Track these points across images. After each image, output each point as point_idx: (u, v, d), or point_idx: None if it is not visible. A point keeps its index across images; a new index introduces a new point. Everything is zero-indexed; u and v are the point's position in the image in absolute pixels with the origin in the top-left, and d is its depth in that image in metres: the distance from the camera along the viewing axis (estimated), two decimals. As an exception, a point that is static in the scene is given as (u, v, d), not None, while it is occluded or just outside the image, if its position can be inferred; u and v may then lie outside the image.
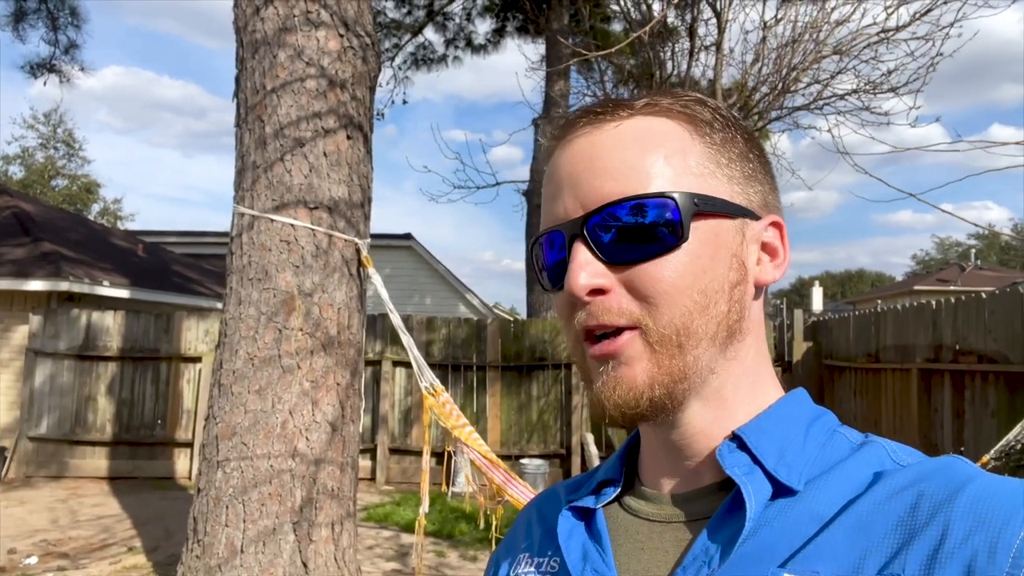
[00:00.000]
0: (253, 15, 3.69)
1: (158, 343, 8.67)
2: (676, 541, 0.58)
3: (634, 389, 0.56)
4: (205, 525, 3.50)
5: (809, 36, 6.90)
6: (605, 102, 0.62)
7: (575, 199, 0.58)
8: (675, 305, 0.56)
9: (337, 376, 3.69)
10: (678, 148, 0.60)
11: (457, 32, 14.30)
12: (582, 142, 0.60)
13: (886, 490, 0.51)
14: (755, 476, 0.55)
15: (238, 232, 3.71)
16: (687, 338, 0.56)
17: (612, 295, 0.56)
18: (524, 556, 0.68)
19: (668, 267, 0.56)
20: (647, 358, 0.56)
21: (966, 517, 0.47)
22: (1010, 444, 2.77)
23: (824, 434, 0.59)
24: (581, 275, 0.56)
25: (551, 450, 8.67)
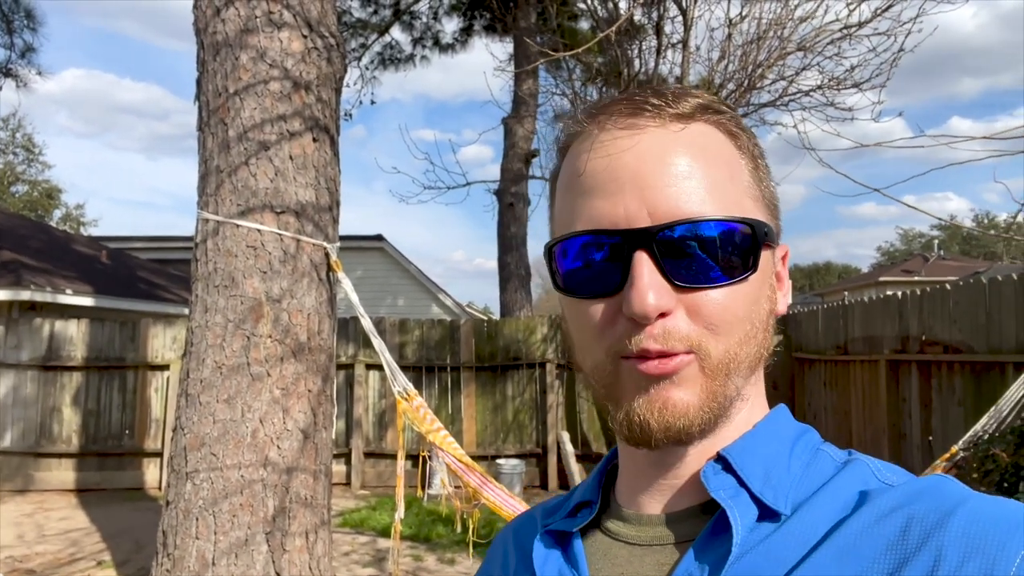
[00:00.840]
0: (213, 16, 3.61)
1: (124, 351, 8.50)
2: (657, 565, 0.56)
3: (687, 414, 0.53)
4: (175, 538, 3.42)
5: (773, 33, 6.97)
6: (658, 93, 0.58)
7: (641, 203, 0.54)
8: (733, 334, 0.54)
9: (308, 383, 3.64)
10: (733, 165, 0.57)
11: (424, 31, 14.22)
12: (648, 140, 0.56)
13: (874, 512, 0.49)
14: (741, 499, 0.53)
15: (203, 238, 3.64)
16: (735, 366, 0.55)
17: (674, 318, 0.53)
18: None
19: (735, 296, 0.54)
20: (699, 383, 0.54)
21: (959, 542, 0.45)
22: (978, 434, 2.82)
23: (808, 453, 0.58)
24: (650, 295, 0.51)
25: (527, 449, 8.67)
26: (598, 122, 0.58)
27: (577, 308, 0.57)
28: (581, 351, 0.59)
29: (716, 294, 0.53)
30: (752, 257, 0.55)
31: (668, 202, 0.53)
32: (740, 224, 0.54)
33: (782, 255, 0.61)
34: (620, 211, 0.54)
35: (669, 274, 0.53)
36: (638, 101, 0.57)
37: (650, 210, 0.53)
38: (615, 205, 0.54)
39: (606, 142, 0.56)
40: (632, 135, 0.55)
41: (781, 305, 0.61)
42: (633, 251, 0.53)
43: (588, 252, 0.56)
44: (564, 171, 0.61)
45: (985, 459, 2.49)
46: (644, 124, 0.56)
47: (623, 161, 0.55)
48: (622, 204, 0.54)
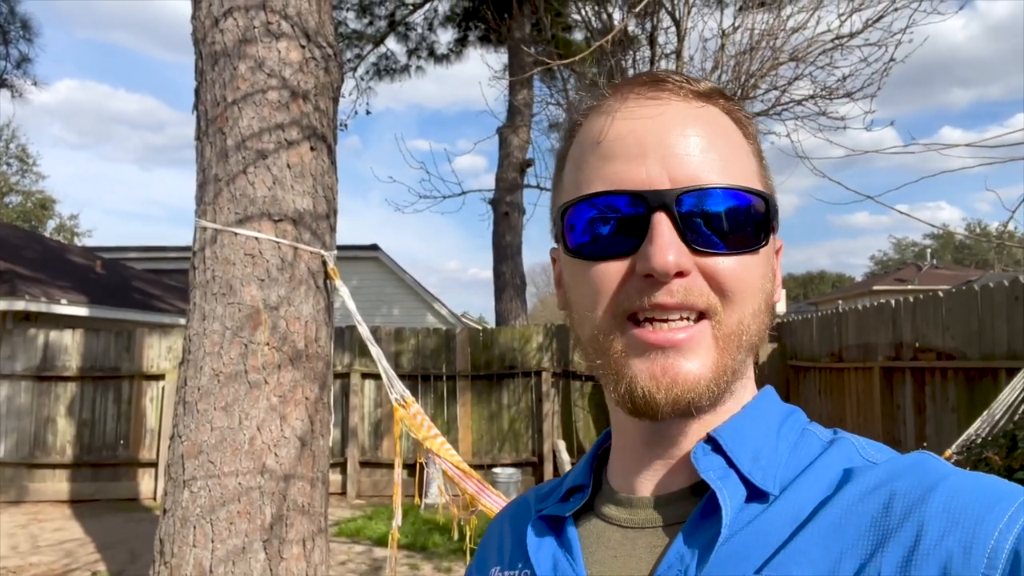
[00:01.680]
0: (212, 27, 3.64)
1: (119, 361, 8.48)
2: (649, 547, 0.56)
3: (697, 387, 0.53)
4: (172, 546, 3.42)
5: (766, 43, 7.05)
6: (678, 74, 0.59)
7: (663, 168, 0.55)
8: (746, 304, 0.55)
9: (306, 390, 3.65)
10: (745, 147, 0.60)
11: (419, 42, 14.30)
12: (673, 111, 0.57)
13: (858, 489, 0.50)
14: (730, 480, 0.54)
15: (201, 246, 3.65)
16: (746, 339, 0.55)
17: (693, 278, 0.54)
18: (495, 571, 0.66)
19: (748, 266, 0.55)
20: (712, 352, 0.54)
21: (940, 517, 0.46)
22: (971, 438, 2.84)
23: (795, 433, 0.58)
24: (670, 252, 0.52)
25: (523, 458, 8.66)
26: (620, 94, 0.59)
27: (586, 271, 0.57)
28: (583, 318, 0.58)
29: (731, 261, 0.54)
30: (765, 230, 0.56)
31: (689, 169, 0.54)
32: (755, 196, 0.56)
33: (777, 248, 0.62)
34: (642, 174, 0.55)
35: (687, 237, 0.53)
36: (660, 76, 0.59)
37: (671, 175, 0.54)
38: (637, 168, 0.55)
39: (631, 109, 0.57)
40: (657, 105, 0.57)
41: (777, 294, 0.61)
42: (654, 211, 0.53)
43: (606, 212, 0.56)
44: (580, 139, 0.61)
45: (978, 463, 2.52)
46: (667, 97, 0.57)
47: (647, 127, 0.56)
48: (644, 168, 0.55)
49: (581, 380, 8.85)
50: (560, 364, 8.81)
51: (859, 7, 6.69)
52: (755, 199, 0.56)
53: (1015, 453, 2.51)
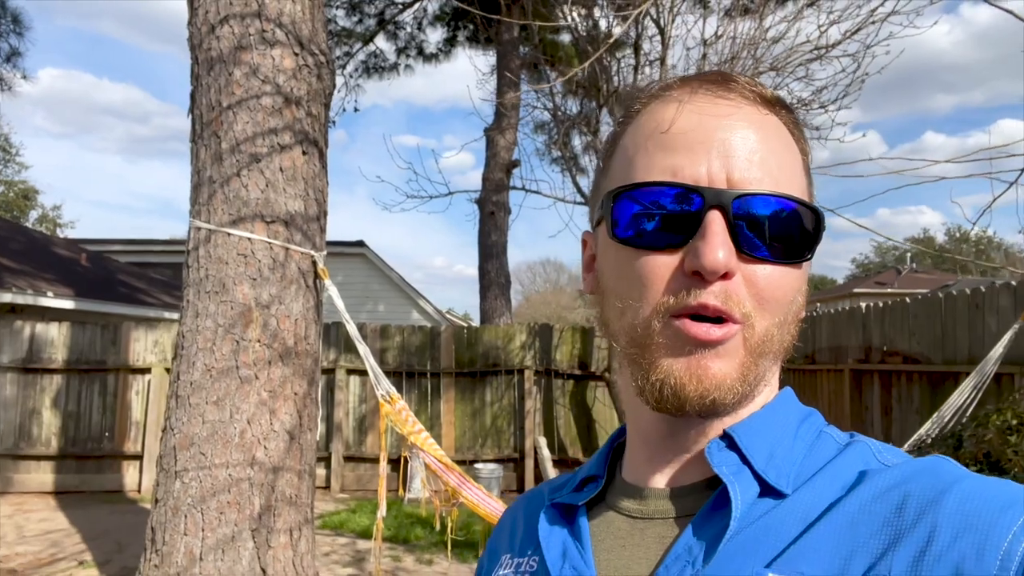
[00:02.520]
0: (208, 34, 3.76)
1: (105, 354, 8.54)
2: (658, 538, 0.57)
3: (723, 384, 0.54)
4: (163, 535, 3.54)
5: (748, 53, 7.23)
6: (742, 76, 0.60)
7: (723, 167, 0.55)
8: (777, 314, 0.56)
9: (295, 386, 3.78)
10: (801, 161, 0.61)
11: (408, 41, 14.40)
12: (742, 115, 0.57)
13: (872, 490, 0.51)
14: (743, 476, 0.54)
15: (195, 245, 3.77)
16: (770, 347, 0.56)
17: (735, 282, 0.54)
18: (505, 557, 0.67)
19: (788, 277, 0.56)
20: (739, 356, 0.54)
21: (953, 519, 0.46)
22: (922, 438, 3.03)
23: (812, 434, 0.59)
24: (721, 251, 0.52)
25: (505, 455, 8.82)
26: (689, 87, 0.59)
27: (632, 260, 0.57)
28: (623, 306, 0.58)
29: (773, 270, 0.55)
30: (811, 244, 0.57)
31: (748, 173, 0.55)
32: (810, 210, 0.57)
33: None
34: (703, 170, 0.55)
35: (738, 240, 0.54)
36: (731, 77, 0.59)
37: (730, 176, 0.55)
38: (699, 163, 0.55)
39: (700, 103, 0.57)
40: (728, 105, 0.57)
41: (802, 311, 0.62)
42: (709, 209, 0.54)
43: (661, 203, 0.56)
44: (640, 125, 0.60)
45: (926, 461, 2.71)
46: (737, 99, 0.58)
47: (714, 125, 0.56)
48: (706, 164, 0.55)
49: (563, 378, 9.02)
50: (543, 363, 8.98)
51: (837, 19, 6.90)
52: (808, 212, 0.56)
53: (960, 452, 2.70)
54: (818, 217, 0.57)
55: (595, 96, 8.58)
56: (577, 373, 9.00)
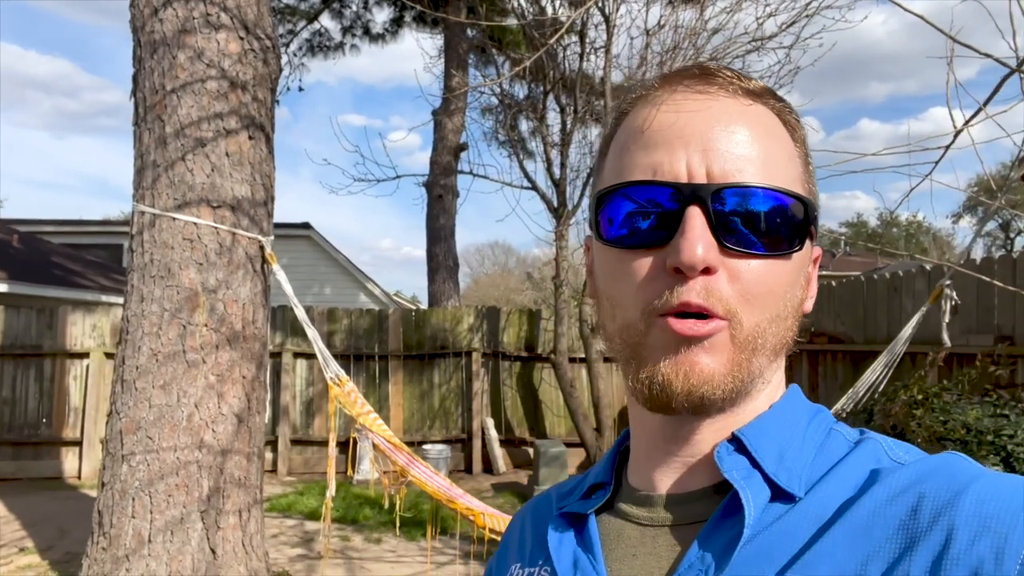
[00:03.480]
0: (151, 15, 3.73)
1: (41, 339, 8.33)
2: (670, 546, 0.56)
3: (711, 380, 0.53)
4: (111, 518, 3.56)
5: (689, 43, 7.43)
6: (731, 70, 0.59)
7: (703, 161, 0.54)
8: (768, 309, 0.54)
9: (243, 369, 3.82)
10: (792, 151, 0.59)
11: (354, 20, 14.21)
12: (720, 107, 0.56)
13: (886, 491, 0.50)
14: (754, 480, 0.53)
15: (139, 230, 3.76)
16: (762, 343, 0.54)
17: (717, 278, 0.53)
18: (515, 567, 0.65)
19: (776, 271, 0.55)
20: (727, 352, 0.53)
21: (971, 521, 0.45)
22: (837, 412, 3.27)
23: (821, 433, 0.57)
24: (700, 246, 0.52)
25: (453, 435, 8.95)
26: (669, 85, 0.58)
27: (618, 260, 0.57)
28: (613, 307, 0.58)
29: (758, 264, 0.54)
30: (799, 235, 0.55)
31: (728, 165, 0.54)
32: (793, 199, 0.55)
33: (815, 256, 0.61)
34: (681, 166, 0.54)
35: (719, 234, 0.53)
36: (711, 70, 0.58)
37: (709, 170, 0.54)
38: (678, 160, 0.54)
39: (678, 101, 0.57)
40: (704, 99, 0.56)
41: (808, 304, 0.60)
42: (688, 205, 0.53)
43: (642, 203, 0.55)
44: (625, 127, 0.61)
45: (840, 433, 2.93)
46: (716, 91, 0.57)
47: (692, 120, 0.55)
48: (684, 159, 0.54)
49: (510, 360, 9.18)
50: (490, 345, 9.12)
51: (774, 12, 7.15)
52: (793, 202, 0.55)
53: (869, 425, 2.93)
54: (807, 206, 0.56)
55: (542, 82, 8.69)
56: (524, 355, 9.17)
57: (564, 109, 8.29)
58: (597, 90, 8.35)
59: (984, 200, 3.65)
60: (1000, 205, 3.19)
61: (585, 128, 8.70)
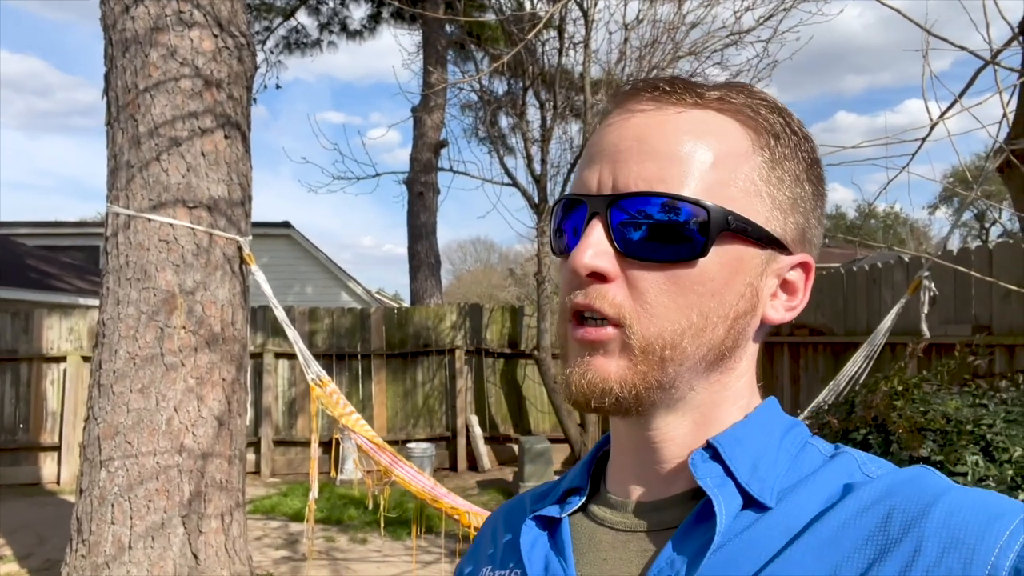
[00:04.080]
0: (122, 13, 3.66)
1: (16, 343, 8.19)
2: (641, 551, 0.56)
3: (603, 383, 0.54)
4: (90, 524, 3.51)
5: (667, 37, 7.44)
6: (677, 81, 0.59)
7: (611, 174, 0.56)
8: (668, 319, 0.54)
9: (222, 371, 3.78)
10: (732, 155, 0.56)
11: (331, 16, 14.10)
12: (639, 119, 0.57)
13: (856, 504, 0.50)
14: (727, 488, 0.53)
15: (113, 232, 3.70)
16: (672, 354, 0.54)
17: (612, 285, 0.54)
18: (486, 570, 0.65)
19: (676, 278, 0.54)
20: (625, 358, 0.54)
21: (939, 533, 0.46)
22: (819, 405, 3.29)
23: (796, 446, 0.58)
24: (588, 252, 0.54)
25: (437, 433, 8.93)
26: (619, 101, 0.60)
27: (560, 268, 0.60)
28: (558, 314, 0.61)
29: (658, 271, 0.54)
30: (702, 243, 0.54)
31: (631, 175, 0.55)
32: (692, 206, 0.54)
33: (796, 264, 0.59)
34: (594, 180, 0.56)
35: (616, 241, 0.54)
36: (656, 84, 0.59)
37: (615, 181, 0.55)
38: (593, 174, 0.57)
39: (612, 122, 0.59)
40: (639, 114, 0.57)
41: (772, 313, 0.59)
42: (590, 216, 0.55)
43: (566, 215, 0.59)
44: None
45: (822, 426, 2.94)
46: (641, 108, 0.58)
47: (620, 134, 0.57)
48: (597, 173, 0.56)
49: (493, 357, 9.17)
50: (473, 342, 9.10)
51: (752, 6, 7.17)
52: (691, 208, 0.53)
53: (851, 417, 2.95)
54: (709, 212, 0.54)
55: (521, 77, 8.66)
56: (507, 351, 9.16)
57: (544, 105, 8.27)
58: (577, 85, 8.34)
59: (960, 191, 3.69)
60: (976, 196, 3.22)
61: (565, 124, 8.69)
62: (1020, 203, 3.08)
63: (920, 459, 2.46)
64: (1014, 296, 3.67)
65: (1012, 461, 2.34)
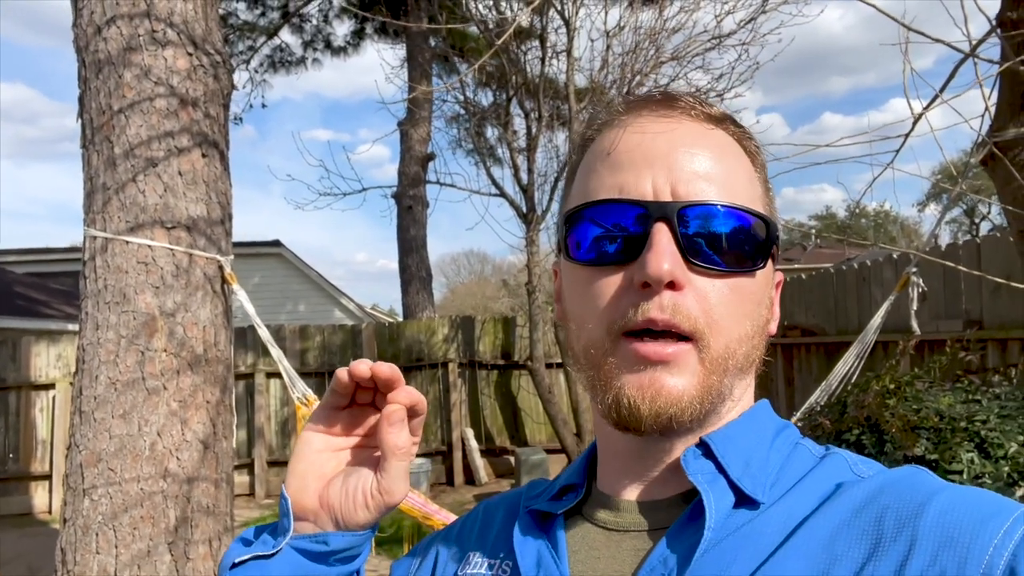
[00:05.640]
0: (95, 35, 3.62)
1: (5, 371, 8.10)
2: (634, 550, 0.56)
3: (680, 401, 0.53)
4: (75, 555, 3.43)
5: (649, 43, 7.45)
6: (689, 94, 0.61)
7: (667, 180, 0.55)
8: (734, 329, 0.55)
9: (206, 394, 3.71)
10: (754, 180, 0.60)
11: (315, 34, 14.11)
12: (684, 128, 0.58)
13: (850, 503, 0.50)
14: (718, 485, 0.54)
15: (91, 255, 3.64)
16: (732, 363, 0.55)
17: (684, 296, 0.53)
18: (474, 555, 0.65)
19: (743, 289, 0.55)
20: (697, 374, 0.54)
21: (934, 532, 0.46)
22: (812, 406, 3.25)
23: (788, 446, 0.58)
24: (665, 260, 0.52)
25: (432, 448, 8.85)
26: (634, 110, 0.60)
27: (587, 280, 0.57)
28: (579, 327, 0.58)
29: (723, 283, 0.54)
30: (763, 254, 0.56)
31: (693, 184, 0.55)
32: (756, 218, 0.56)
33: (777, 281, 0.63)
34: (647, 186, 0.55)
35: (685, 250, 0.53)
36: (674, 96, 0.60)
37: (674, 189, 0.55)
38: (643, 179, 0.55)
39: (643, 124, 0.58)
40: (668, 122, 0.58)
41: (772, 325, 0.61)
42: (655, 222, 0.54)
43: (609, 221, 0.56)
44: (591, 151, 0.62)
45: (815, 427, 2.90)
46: (679, 116, 0.58)
47: (656, 142, 0.57)
48: (650, 179, 0.55)
49: (487, 369, 9.11)
50: (466, 354, 9.04)
51: (732, 9, 7.19)
52: (756, 220, 0.56)
53: (844, 418, 2.91)
54: (768, 225, 0.57)
55: (505, 87, 8.66)
56: (501, 363, 9.11)
57: (529, 114, 8.27)
58: (561, 94, 8.34)
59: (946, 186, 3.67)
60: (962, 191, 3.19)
61: (551, 132, 8.68)
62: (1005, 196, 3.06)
63: (914, 458, 2.42)
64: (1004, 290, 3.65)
65: (1008, 457, 2.31)
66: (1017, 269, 3.37)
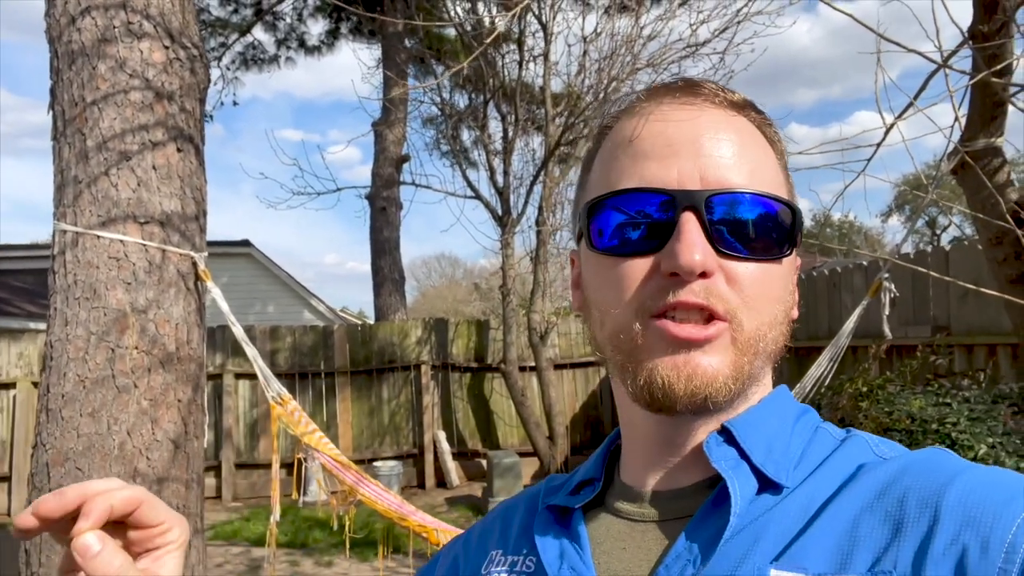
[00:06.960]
0: (68, 25, 3.55)
1: (-38, 371, 7.87)
2: (658, 540, 0.56)
3: (715, 381, 0.53)
4: (39, 556, 3.34)
5: (626, 50, 7.51)
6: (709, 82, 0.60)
7: (695, 167, 0.55)
8: (766, 312, 0.55)
9: (178, 392, 3.65)
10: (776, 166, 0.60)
11: (289, 32, 13.97)
12: (707, 115, 0.57)
13: (872, 484, 0.50)
14: (741, 470, 0.54)
15: (61, 250, 3.56)
16: (763, 346, 0.55)
17: (715, 280, 0.53)
18: (496, 553, 0.65)
19: (772, 274, 0.56)
20: (730, 354, 0.54)
21: (956, 511, 0.46)
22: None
23: (808, 430, 0.58)
24: (696, 251, 0.52)
25: (404, 451, 8.80)
26: (655, 97, 0.59)
27: (610, 268, 0.57)
28: (603, 315, 0.58)
29: (753, 267, 0.54)
30: (790, 240, 0.57)
31: (719, 172, 0.55)
32: (784, 205, 0.56)
33: (796, 265, 0.62)
34: (673, 173, 0.55)
35: (714, 238, 0.53)
36: (697, 83, 0.60)
37: (702, 176, 0.54)
38: (669, 167, 0.55)
39: (665, 112, 0.58)
40: (692, 109, 0.57)
41: (794, 312, 0.61)
42: (682, 210, 0.53)
43: (634, 209, 0.56)
44: (611, 139, 0.61)
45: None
46: (702, 103, 0.58)
47: (681, 129, 0.56)
48: (676, 167, 0.55)
49: (460, 372, 9.08)
50: (439, 357, 9.00)
51: (707, 19, 7.28)
52: (782, 207, 0.56)
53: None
54: (795, 213, 0.57)
55: (482, 90, 8.66)
56: (474, 366, 9.08)
57: (505, 117, 8.28)
58: (537, 98, 8.36)
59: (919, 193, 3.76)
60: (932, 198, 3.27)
61: (527, 136, 8.70)
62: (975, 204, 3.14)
63: (888, 459, 2.47)
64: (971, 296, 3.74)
65: (978, 458, 2.36)
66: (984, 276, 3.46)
